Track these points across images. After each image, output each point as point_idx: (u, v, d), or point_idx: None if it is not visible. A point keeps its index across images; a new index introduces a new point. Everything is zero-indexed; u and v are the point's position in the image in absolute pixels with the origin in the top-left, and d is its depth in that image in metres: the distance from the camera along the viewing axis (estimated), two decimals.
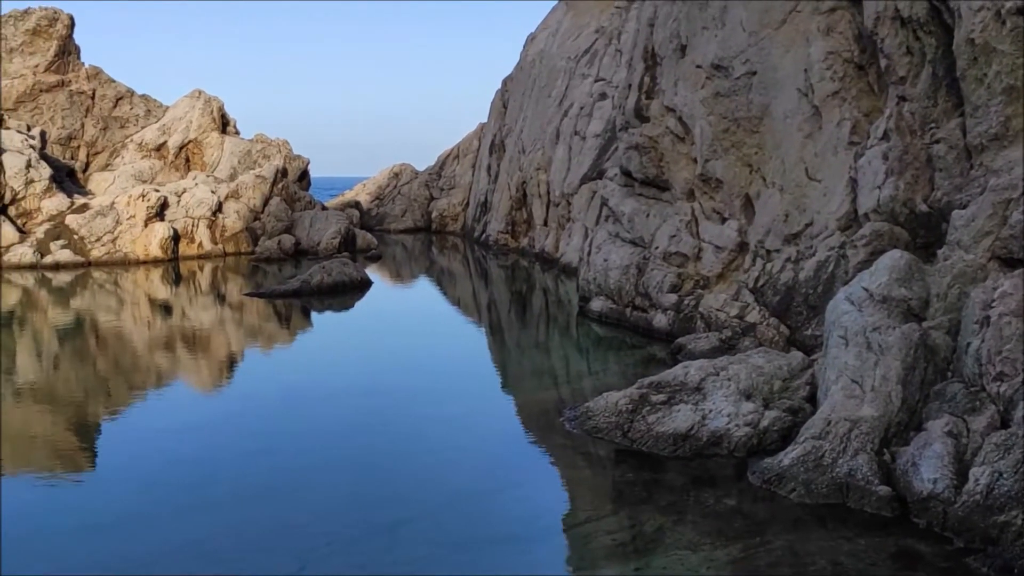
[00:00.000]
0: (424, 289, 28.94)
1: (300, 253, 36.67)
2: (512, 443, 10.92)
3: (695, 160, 17.15)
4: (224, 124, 44.37)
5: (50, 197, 33.96)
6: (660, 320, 16.75)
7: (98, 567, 7.28)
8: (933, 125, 11.24)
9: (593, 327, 18.51)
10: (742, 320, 14.33)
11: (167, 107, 44.44)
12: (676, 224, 17.31)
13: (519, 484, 9.35)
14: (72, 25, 41.78)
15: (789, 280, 13.79)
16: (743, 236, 15.98)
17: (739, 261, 16.02)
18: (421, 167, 58.10)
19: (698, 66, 16.81)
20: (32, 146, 34.38)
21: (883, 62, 12.39)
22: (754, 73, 15.52)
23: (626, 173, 19.18)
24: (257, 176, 38.52)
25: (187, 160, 42.68)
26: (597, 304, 18.95)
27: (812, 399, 10.50)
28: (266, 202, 38.33)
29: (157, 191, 35.30)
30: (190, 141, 42.71)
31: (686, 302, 16.30)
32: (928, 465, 8.05)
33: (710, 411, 10.28)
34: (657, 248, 17.39)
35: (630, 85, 19.83)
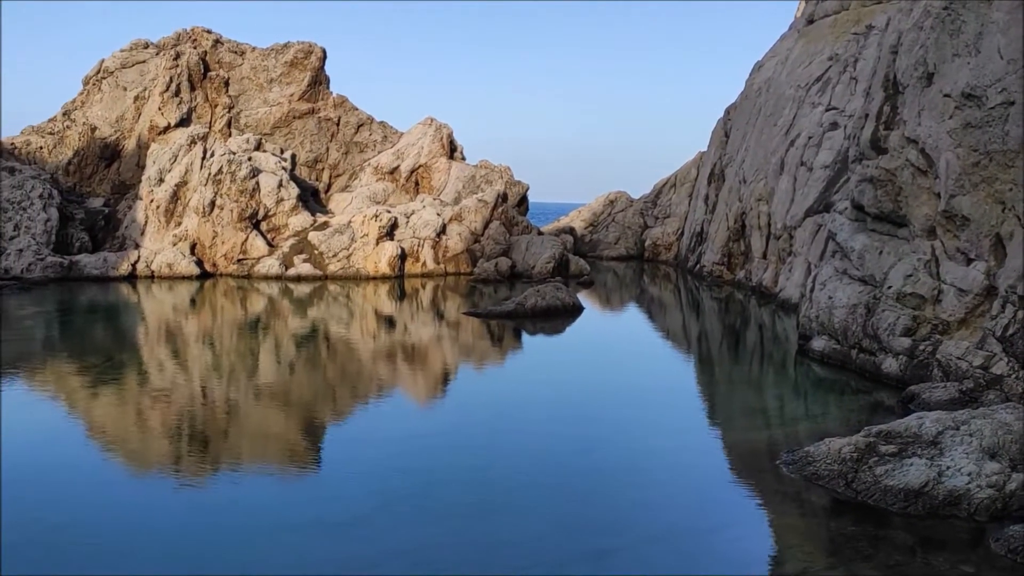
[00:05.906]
0: (634, 317, 28.76)
1: (515, 276, 37.66)
2: (723, 482, 10.55)
3: (938, 195, 15.92)
4: (452, 150, 46.62)
5: (296, 214, 37.11)
6: (890, 365, 15.63)
7: (331, 563, 7.78)
8: None
9: (813, 367, 17.59)
10: (987, 371, 13.08)
11: (401, 133, 47.36)
12: (913, 263, 16.12)
13: (729, 525, 9.02)
14: (324, 57, 45.63)
15: None
16: (991, 279, 14.61)
17: (985, 306, 14.65)
18: (636, 195, 58.16)
19: (946, 95, 15.64)
20: (284, 168, 37.79)
21: None
22: (1011, 103, 14.21)
23: (858, 207, 18.14)
24: (479, 200, 40.08)
25: (416, 183, 45.20)
26: (818, 343, 18.00)
27: None
28: (486, 225, 39.76)
29: (389, 212, 37.64)
30: (420, 166, 45.22)
31: (921, 347, 15.11)
32: None
33: (947, 468, 9.44)
34: (890, 288, 16.26)
35: (867, 114, 18.77)
